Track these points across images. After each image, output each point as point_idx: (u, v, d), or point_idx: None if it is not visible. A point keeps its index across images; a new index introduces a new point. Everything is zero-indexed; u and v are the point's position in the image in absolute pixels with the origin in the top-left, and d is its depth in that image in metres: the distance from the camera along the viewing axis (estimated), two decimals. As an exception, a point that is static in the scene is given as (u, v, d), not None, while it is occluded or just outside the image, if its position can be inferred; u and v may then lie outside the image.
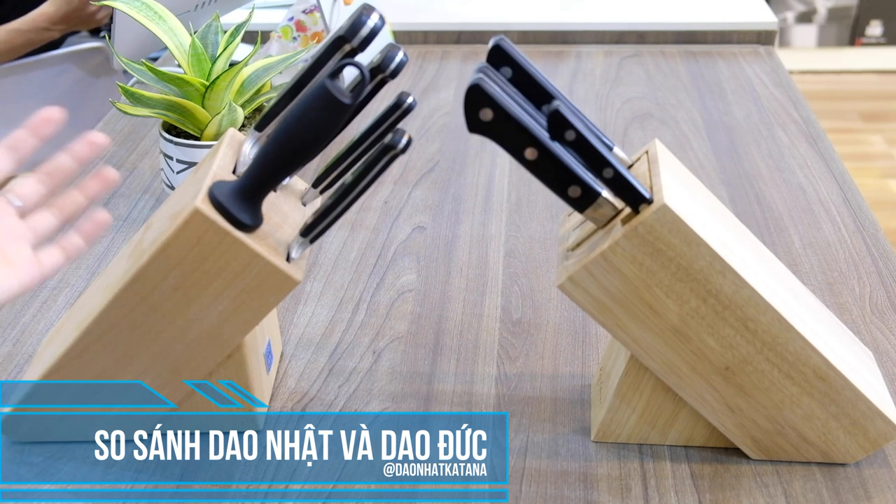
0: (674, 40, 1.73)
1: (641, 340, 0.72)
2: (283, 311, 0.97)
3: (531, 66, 0.70)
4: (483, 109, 0.64)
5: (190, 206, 0.68)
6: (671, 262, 0.67)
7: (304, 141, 0.68)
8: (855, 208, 1.16)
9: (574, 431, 0.82)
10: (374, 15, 0.69)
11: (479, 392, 0.87)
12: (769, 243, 1.08)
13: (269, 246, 0.70)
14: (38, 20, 1.79)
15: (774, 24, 1.73)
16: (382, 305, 0.99)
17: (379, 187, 1.21)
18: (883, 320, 0.96)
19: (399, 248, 1.09)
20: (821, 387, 0.73)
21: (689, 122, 1.41)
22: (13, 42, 1.81)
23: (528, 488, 0.76)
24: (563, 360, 0.91)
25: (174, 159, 1.09)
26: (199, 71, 1.06)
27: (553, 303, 0.98)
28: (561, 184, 0.68)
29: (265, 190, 0.70)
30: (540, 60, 1.65)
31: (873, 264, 1.05)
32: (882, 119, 3.35)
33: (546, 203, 1.17)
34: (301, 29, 1.43)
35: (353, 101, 0.67)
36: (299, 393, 0.86)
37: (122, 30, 1.31)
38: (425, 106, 1.46)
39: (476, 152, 1.31)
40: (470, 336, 0.94)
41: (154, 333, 0.73)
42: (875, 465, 0.78)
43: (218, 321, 0.72)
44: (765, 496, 0.75)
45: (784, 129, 1.38)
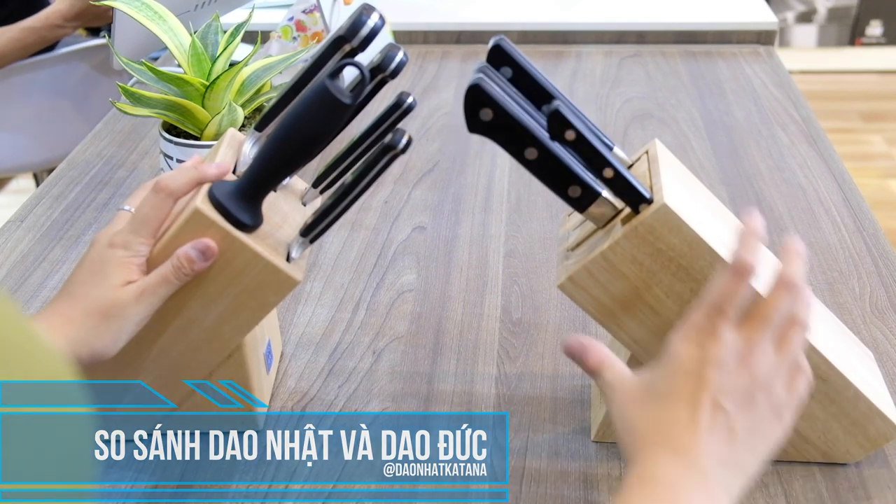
0: (674, 40, 1.73)
1: (641, 340, 0.71)
2: (283, 311, 0.97)
3: (531, 66, 0.70)
4: (483, 109, 0.64)
5: (190, 206, 0.68)
6: (671, 262, 0.67)
7: (304, 141, 0.68)
8: (855, 208, 1.16)
9: (574, 431, 0.82)
10: (374, 15, 0.69)
11: (479, 392, 0.87)
12: (769, 243, 1.07)
13: (270, 246, 0.70)
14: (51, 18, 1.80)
15: (774, 24, 1.73)
16: (382, 305, 0.99)
17: (379, 187, 1.21)
18: (883, 320, 0.96)
19: (399, 248, 1.09)
20: (821, 387, 0.72)
21: (689, 122, 1.41)
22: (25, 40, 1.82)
23: (528, 488, 0.76)
24: (563, 360, 0.91)
25: (174, 159, 1.09)
26: (199, 71, 1.06)
27: (553, 303, 0.98)
28: (561, 184, 0.68)
29: (265, 190, 0.70)
30: (540, 60, 1.65)
31: (873, 264, 1.05)
32: (882, 119, 3.35)
33: (546, 203, 1.17)
34: (301, 29, 1.43)
35: (353, 101, 0.67)
36: (299, 393, 0.86)
37: (122, 30, 1.31)
38: (425, 106, 1.46)
39: (476, 152, 1.31)
40: (470, 336, 0.94)
41: (154, 333, 0.73)
42: (875, 465, 0.78)
43: (218, 321, 0.72)
44: (765, 496, 0.75)
45: (784, 129, 1.38)
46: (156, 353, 0.74)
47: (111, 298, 0.68)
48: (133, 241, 0.69)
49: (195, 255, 0.68)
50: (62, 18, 1.80)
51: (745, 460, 0.60)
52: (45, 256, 1.08)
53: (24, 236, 1.12)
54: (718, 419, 0.59)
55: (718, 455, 0.58)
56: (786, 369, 0.62)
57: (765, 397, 0.60)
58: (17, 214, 1.17)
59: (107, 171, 1.28)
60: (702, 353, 0.59)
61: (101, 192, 1.23)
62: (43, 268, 1.06)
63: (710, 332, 0.60)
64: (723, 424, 0.59)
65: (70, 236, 1.12)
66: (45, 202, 1.20)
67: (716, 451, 0.58)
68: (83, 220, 1.16)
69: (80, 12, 1.79)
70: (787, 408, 0.62)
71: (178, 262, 0.68)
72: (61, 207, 1.19)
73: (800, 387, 0.63)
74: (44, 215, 1.17)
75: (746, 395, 0.60)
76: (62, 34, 1.84)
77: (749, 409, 0.60)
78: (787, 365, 0.62)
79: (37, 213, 1.18)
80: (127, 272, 0.68)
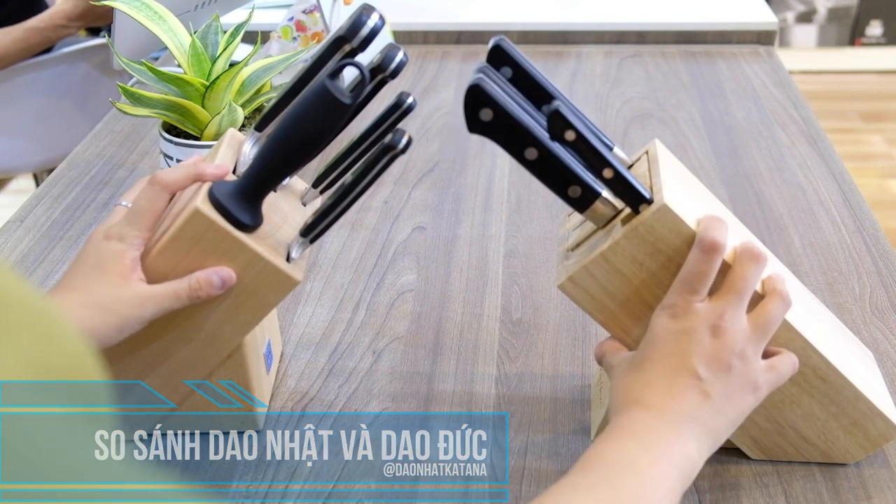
0: (674, 40, 1.73)
1: (642, 340, 0.71)
2: (283, 311, 0.97)
3: (531, 66, 0.70)
4: (483, 109, 0.64)
5: (190, 207, 0.68)
6: (671, 262, 0.67)
7: (304, 141, 0.68)
8: (855, 208, 1.16)
9: (574, 431, 0.82)
10: (374, 15, 0.69)
11: (479, 392, 0.87)
12: (769, 243, 1.08)
13: (270, 246, 0.70)
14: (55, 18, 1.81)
15: (774, 25, 1.73)
16: (382, 305, 0.99)
17: (379, 187, 1.21)
18: (883, 320, 0.95)
19: (399, 248, 1.09)
20: (821, 387, 0.72)
21: (689, 122, 1.41)
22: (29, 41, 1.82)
23: (528, 488, 0.76)
24: (563, 360, 0.91)
25: (174, 159, 1.09)
26: (199, 71, 1.06)
27: (553, 303, 0.98)
28: (561, 184, 0.68)
29: (265, 190, 0.70)
30: (540, 60, 1.65)
31: (873, 264, 1.05)
32: (882, 119, 3.35)
33: (546, 203, 1.17)
34: (301, 29, 1.43)
35: (353, 101, 0.67)
36: (299, 393, 0.86)
37: (122, 30, 1.31)
38: (425, 106, 1.46)
39: (476, 152, 1.31)
40: (470, 336, 0.94)
41: (154, 334, 0.73)
42: (875, 465, 0.78)
43: (218, 321, 0.72)
44: (765, 496, 0.75)
45: (784, 129, 1.38)
46: (156, 353, 0.74)
47: (113, 295, 0.67)
48: (128, 233, 0.69)
49: (217, 281, 0.68)
50: (66, 18, 1.80)
51: (717, 423, 0.63)
52: (45, 256, 1.08)
53: (24, 236, 1.12)
54: (692, 383, 0.63)
55: (691, 414, 0.62)
56: (760, 335, 0.65)
57: (739, 363, 0.64)
58: (17, 214, 1.17)
59: (107, 171, 1.28)
60: (675, 324, 0.64)
61: (101, 192, 1.23)
62: (43, 268, 1.06)
63: (683, 306, 0.64)
64: (696, 387, 0.63)
65: (70, 236, 1.12)
66: (45, 202, 1.20)
67: (688, 410, 0.62)
68: (83, 221, 1.16)
69: (84, 12, 1.79)
70: (763, 380, 0.65)
71: (196, 285, 0.68)
72: (61, 207, 1.19)
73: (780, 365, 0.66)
74: (44, 215, 1.17)
75: (720, 361, 0.63)
76: (66, 34, 1.84)
77: (723, 374, 0.63)
78: (761, 331, 0.65)
79: (37, 213, 1.18)
80: (122, 264, 0.68)
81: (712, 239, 0.64)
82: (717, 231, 0.64)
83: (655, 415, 0.62)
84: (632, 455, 0.60)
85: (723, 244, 0.64)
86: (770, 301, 0.66)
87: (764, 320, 0.65)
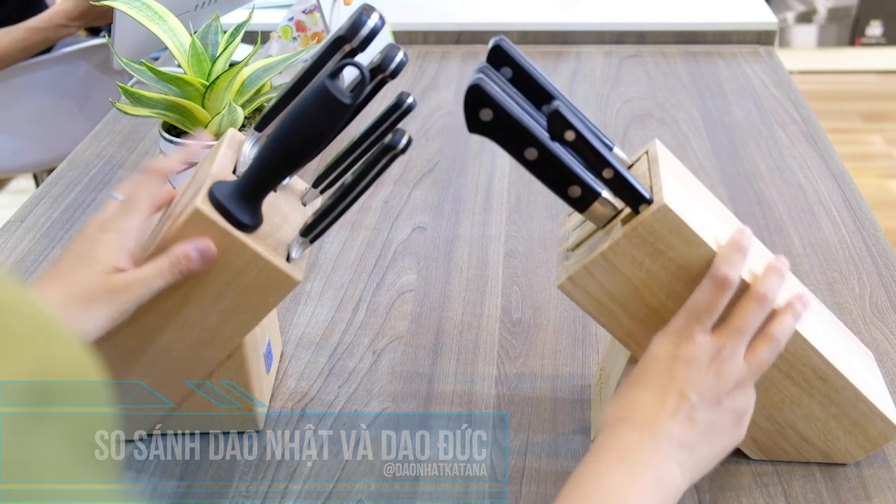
0: (674, 40, 1.73)
1: (641, 340, 0.71)
2: (283, 311, 0.97)
3: (531, 66, 0.70)
4: (483, 109, 0.64)
5: (190, 207, 0.68)
6: (671, 263, 0.67)
7: (304, 141, 0.68)
8: (855, 208, 1.16)
9: (574, 431, 0.82)
10: (374, 15, 0.69)
11: (479, 392, 0.87)
12: (769, 243, 1.08)
13: (270, 246, 0.70)
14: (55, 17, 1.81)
15: (774, 25, 1.73)
16: (382, 305, 0.99)
17: (379, 187, 1.21)
18: (883, 320, 0.96)
19: (399, 248, 1.09)
20: (821, 387, 0.72)
21: (689, 122, 1.41)
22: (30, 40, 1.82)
23: (528, 488, 0.76)
24: (563, 360, 0.91)
25: (174, 159, 1.09)
26: (199, 71, 1.06)
27: (553, 303, 0.98)
28: (561, 184, 0.68)
29: (265, 190, 0.70)
30: (540, 60, 1.65)
31: (873, 264, 1.05)
32: (882, 119, 3.35)
33: (546, 203, 1.17)
34: (301, 29, 1.43)
35: (353, 101, 0.67)
36: (299, 393, 0.86)
37: (122, 30, 1.31)
38: (425, 106, 1.46)
39: (476, 152, 1.31)
40: (470, 336, 0.94)
41: (154, 333, 0.73)
42: (875, 465, 0.78)
43: (218, 321, 0.72)
44: (765, 496, 0.75)
45: (784, 129, 1.38)
46: (156, 353, 0.74)
47: (99, 283, 0.66)
48: (123, 223, 0.69)
49: (194, 254, 0.68)
50: (67, 18, 1.80)
51: (702, 453, 0.64)
52: (45, 256, 1.08)
53: (24, 236, 1.12)
54: (682, 406, 0.63)
55: (678, 437, 0.63)
56: (753, 374, 0.66)
57: (729, 401, 0.65)
58: (17, 214, 1.17)
59: (107, 171, 1.28)
60: (675, 350, 0.65)
61: (101, 192, 1.23)
62: (43, 268, 1.06)
63: (686, 334, 0.65)
64: (685, 412, 0.63)
65: (70, 236, 1.12)
66: (45, 202, 1.20)
67: (676, 434, 0.63)
68: (83, 221, 1.16)
69: (85, 12, 1.79)
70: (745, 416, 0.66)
71: (175, 259, 0.68)
72: (61, 208, 1.19)
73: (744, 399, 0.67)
74: (44, 215, 1.17)
75: (712, 393, 0.64)
76: (66, 34, 1.84)
77: (713, 406, 0.64)
78: (754, 373, 0.66)
79: (37, 213, 1.18)
80: (116, 256, 0.68)
81: (725, 276, 0.64)
82: (731, 267, 0.65)
83: (643, 435, 0.63)
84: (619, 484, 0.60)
85: (734, 281, 0.64)
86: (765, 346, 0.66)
87: (757, 363, 0.66)
